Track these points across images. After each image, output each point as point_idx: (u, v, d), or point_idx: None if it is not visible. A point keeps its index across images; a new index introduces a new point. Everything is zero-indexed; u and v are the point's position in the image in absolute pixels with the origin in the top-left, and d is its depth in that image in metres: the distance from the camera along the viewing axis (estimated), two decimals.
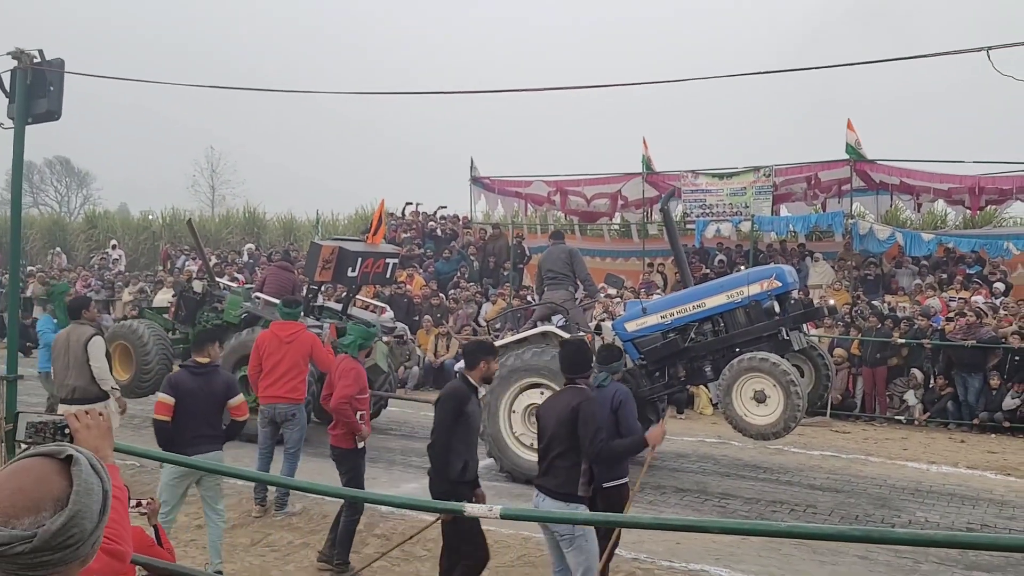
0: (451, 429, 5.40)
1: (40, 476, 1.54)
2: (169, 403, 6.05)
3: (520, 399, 9.16)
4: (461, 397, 5.45)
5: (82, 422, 2.37)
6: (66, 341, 7.83)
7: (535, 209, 24.16)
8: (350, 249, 11.20)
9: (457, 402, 5.43)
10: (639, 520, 4.37)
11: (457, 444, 5.41)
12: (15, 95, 4.71)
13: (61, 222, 35.53)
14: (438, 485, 5.45)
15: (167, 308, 13.65)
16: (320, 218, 27.38)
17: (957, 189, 18.12)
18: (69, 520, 1.51)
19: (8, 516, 1.48)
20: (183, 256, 24.10)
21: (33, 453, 1.59)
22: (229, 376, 6.55)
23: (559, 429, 5.05)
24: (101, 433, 2.40)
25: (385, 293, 16.75)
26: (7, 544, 1.46)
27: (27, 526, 1.48)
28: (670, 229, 10.46)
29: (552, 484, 5.11)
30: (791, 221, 18.90)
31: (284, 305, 8.60)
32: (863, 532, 3.25)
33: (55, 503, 1.52)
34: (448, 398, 5.46)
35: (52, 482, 1.54)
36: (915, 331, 13.53)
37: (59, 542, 1.49)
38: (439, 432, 5.42)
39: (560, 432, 5.04)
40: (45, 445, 1.64)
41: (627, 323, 9.46)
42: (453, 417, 5.40)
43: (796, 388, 7.91)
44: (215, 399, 6.20)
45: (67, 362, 7.77)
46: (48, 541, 1.48)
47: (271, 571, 6.63)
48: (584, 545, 4.96)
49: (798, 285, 10.37)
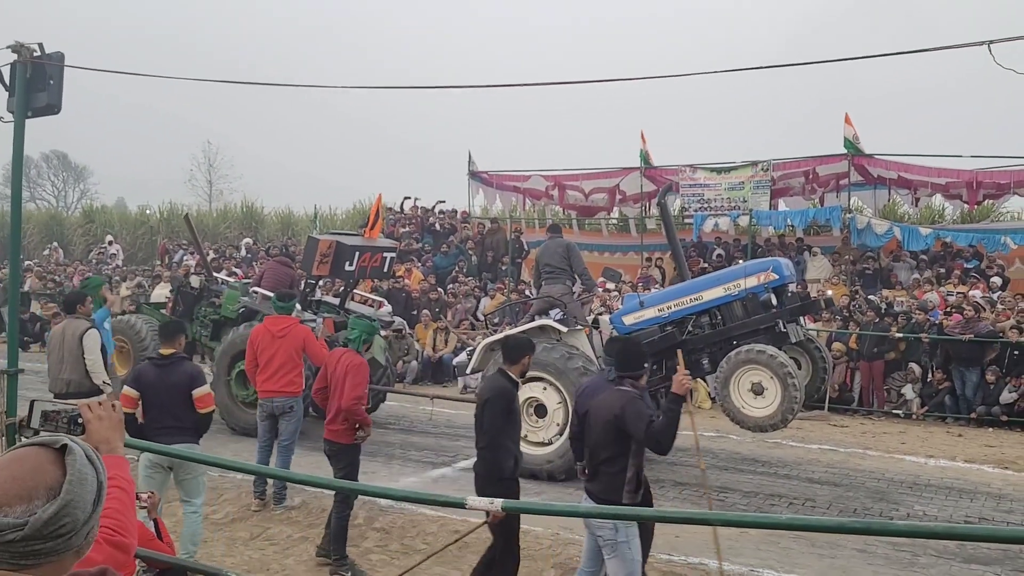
0: (502, 428, 5.37)
1: (34, 465, 1.55)
2: (133, 396, 6.06)
3: (520, 391, 9.14)
4: (508, 395, 5.43)
5: (94, 413, 2.39)
6: (61, 335, 7.82)
7: (533, 203, 24.15)
8: (347, 243, 11.20)
9: (506, 401, 5.41)
10: (639, 513, 4.37)
11: (507, 442, 5.39)
12: (15, 89, 4.72)
13: (58, 217, 35.50)
14: (490, 485, 5.39)
15: (164, 303, 13.66)
16: (318, 213, 27.35)
17: (955, 183, 18.13)
18: (61, 509, 1.52)
19: (0, 504, 1.49)
20: (181, 251, 24.07)
21: (30, 443, 1.61)
22: (193, 367, 6.52)
23: (604, 435, 4.84)
24: (112, 424, 2.42)
25: (383, 287, 16.75)
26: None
27: (19, 514, 1.49)
28: (667, 223, 10.46)
29: (597, 489, 4.96)
30: (789, 215, 18.89)
31: (278, 299, 8.62)
32: (863, 524, 3.27)
33: (48, 492, 1.53)
34: (497, 398, 5.42)
35: (46, 471, 1.55)
36: (912, 325, 13.56)
37: (50, 531, 1.51)
38: (491, 432, 5.37)
39: (605, 438, 4.83)
40: (41, 435, 1.64)
41: (625, 316, 9.47)
42: (504, 416, 5.37)
43: (793, 380, 7.93)
44: (178, 390, 6.09)
45: (61, 356, 7.76)
46: (40, 530, 1.49)
47: (270, 564, 6.64)
48: (627, 553, 4.77)
49: (795, 278, 10.38)
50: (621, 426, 4.73)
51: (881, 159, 18.41)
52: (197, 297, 12.31)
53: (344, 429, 6.61)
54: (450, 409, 12.43)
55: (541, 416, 9.12)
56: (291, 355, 8.12)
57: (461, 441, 11.00)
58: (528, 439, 9.15)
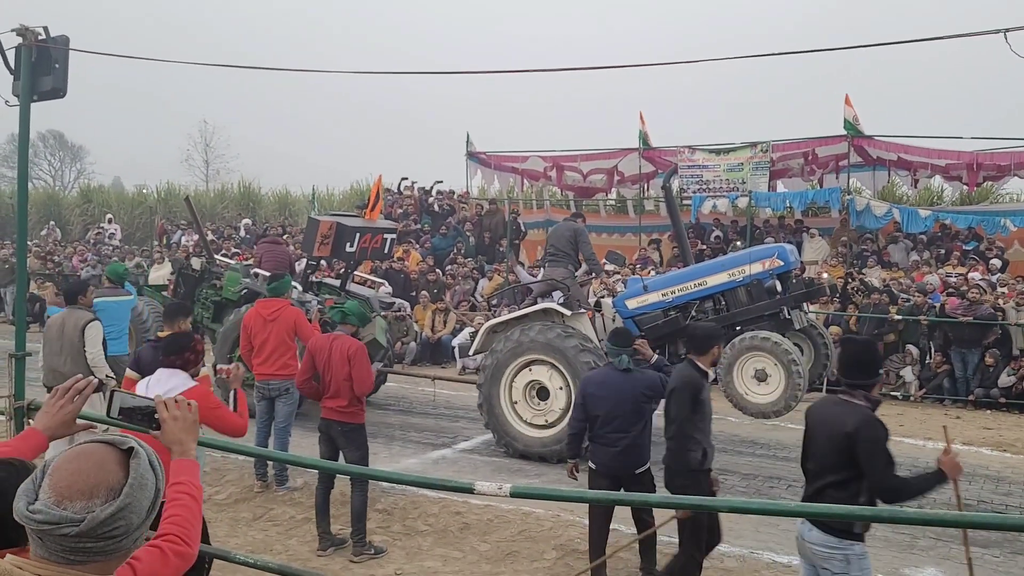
0: (690, 419, 5.28)
1: (100, 462, 1.57)
2: (134, 378, 6.09)
3: (522, 375, 9.20)
4: (696, 385, 5.34)
5: (170, 412, 2.32)
6: (61, 325, 7.63)
7: (531, 184, 24.11)
8: (348, 224, 11.19)
9: (694, 390, 5.31)
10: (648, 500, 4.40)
11: (695, 433, 5.31)
12: (19, 72, 4.69)
13: (56, 197, 35.37)
14: (679, 476, 5.35)
15: (165, 285, 13.65)
16: (316, 193, 27.31)
17: (955, 165, 18.11)
18: (118, 511, 1.54)
19: (62, 496, 1.51)
20: (179, 231, 24.02)
21: (98, 439, 1.62)
22: None
23: (832, 456, 4.10)
24: (187, 426, 2.33)
25: (381, 268, 16.75)
26: (55, 524, 1.49)
27: (78, 510, 1.51)
28: (671, 207, 10.46)
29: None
30: (788, 197, 18.87)
31: (269, 282, 8.69)
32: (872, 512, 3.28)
33: (108, 492, 1.55)
34: (684, 387, 5.31)
35: (110, 471, 1.57)
36: (911, 307, 13.59)
37: (104, 531, 1.52)
38: (679, 423, 5.29)
39: (834, 459, 4.09)
40: (110, 434, 1.65)
41: (628, 300, 9.50)
42: (691, 406, 5.29)
43: (797, 367, 7.97)
44: None
45: (60, 347, 7.58)
46: (94, 528, 1.51)
47: (274, 545, 6.68)
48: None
49: (799, 264, 10.41)
50: (852, 448, 4.02)
51: (881, 140, 18.38)
52: (198, 279, 12.31)
53: (357, 409, 6.63)
54: (450, 390, 12.46)
55: (544, 399, 9.15)
56: (283, 338, 8.12)
57: (461, 422, 11.05)
58: (530, 422, 9.20)
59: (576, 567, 6.27)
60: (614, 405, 5.71)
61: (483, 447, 9.77)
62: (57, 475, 1.54)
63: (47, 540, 1.51)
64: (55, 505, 1.51)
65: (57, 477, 1.54)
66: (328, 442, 6.74)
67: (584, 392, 5.89)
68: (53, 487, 1.53)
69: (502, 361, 9.20)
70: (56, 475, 1.54)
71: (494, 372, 9.26)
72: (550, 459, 8.97)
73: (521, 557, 6.48)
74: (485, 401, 9.33)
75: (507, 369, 9.20)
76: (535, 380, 9.13)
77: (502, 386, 9.26)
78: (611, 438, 5.69)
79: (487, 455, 9.47)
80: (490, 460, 9.27)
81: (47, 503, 1.51)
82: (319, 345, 6.81)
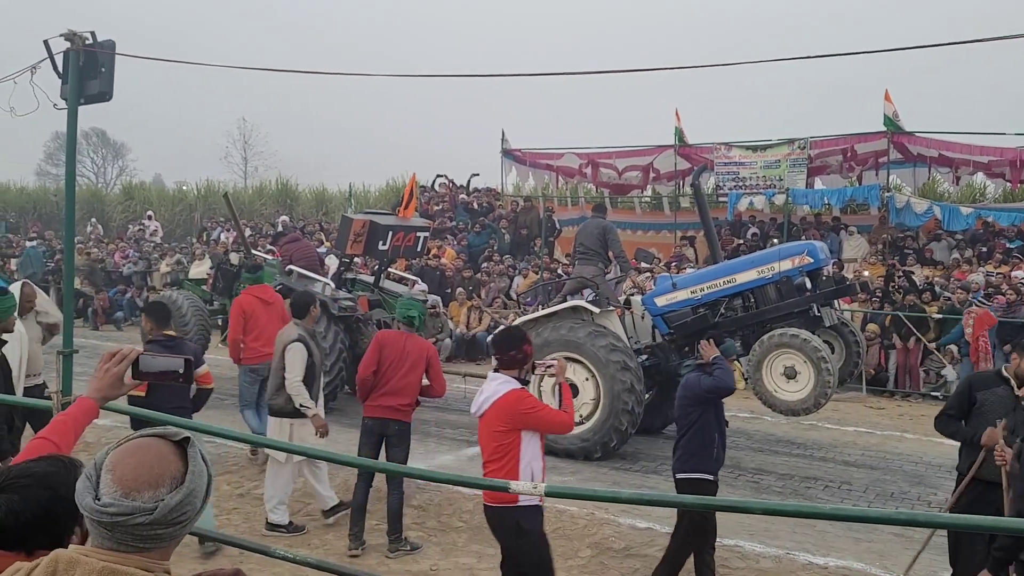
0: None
1: (160, 454, 1.65)
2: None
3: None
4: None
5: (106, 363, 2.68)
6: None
7: (566, 181, 24.11)
8: (381, 223, 11.30)
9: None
10: (680, 500, 4.41)
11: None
12: (67, 76, 4.83)
13: (98, 193, 35.97)
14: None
15: (204, 279, 13.88)
16: (352, 190, 27.53)
17: (997, 162, 17.79)
18: (186, 497, 1.62)
19: (130, 488, 1.59)
20: (218, 228, 24.37)
21: (151, 433, 1.70)
22: (194, 348, 6.75)
23: None
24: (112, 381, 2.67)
25: (416, 265, 16.87)
26: (129, 515, 1.57)
27: (147, 499, 1.59)
28: (701, 205, 10.42)
29: None
30: (826, 194, 18.67)
31: (251, 271, 9.23)
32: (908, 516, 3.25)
33: (172, 481, 1.63)
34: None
35: (170, 461, 1.65)
36: (951, 306, 13.39)
37: (174, 517, 1.61)
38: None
39: None
40: (158, 428, 1.74)
41: (657, 298, 9.49)
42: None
43: (827, 365, 7.91)
44: None
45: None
46: (167, 515, 1.60)
47: (311, 540, 6.76)
48: None
49: (830, 261, 10.31)
50: None
51: (922, 137, 18.11)
52: (236, 274, 12.50)
53: (412, 408, 6.65)
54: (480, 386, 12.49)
55: (573, 396, 9.16)
56: (279, 324, 8.10)
57: None
58: None
59: (610, 565, 6.29)
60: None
61: None
62: (120, 469, 1.61)
63: (117, 532, 1.58)
64: (124, 497, 1.58)
65: (120, 471, 1.61)
66: (375, 442, 6.61)
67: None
68: (118, 481, 1.59)
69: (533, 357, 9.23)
70: (119, 470, 1.61)
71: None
72: (592, 454, 9.00)
73: (556, 555, 6.43)
74: None
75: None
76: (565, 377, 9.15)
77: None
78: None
79: None
80: None
81: (115, 496, 1.58)
82: (390, 341, 6.58)
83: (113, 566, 1.57)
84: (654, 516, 6.95)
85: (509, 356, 4.85)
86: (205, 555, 6.23)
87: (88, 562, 1.57)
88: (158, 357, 2.60)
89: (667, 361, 9.51)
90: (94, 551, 1.60)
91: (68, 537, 1.99)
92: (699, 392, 5.68)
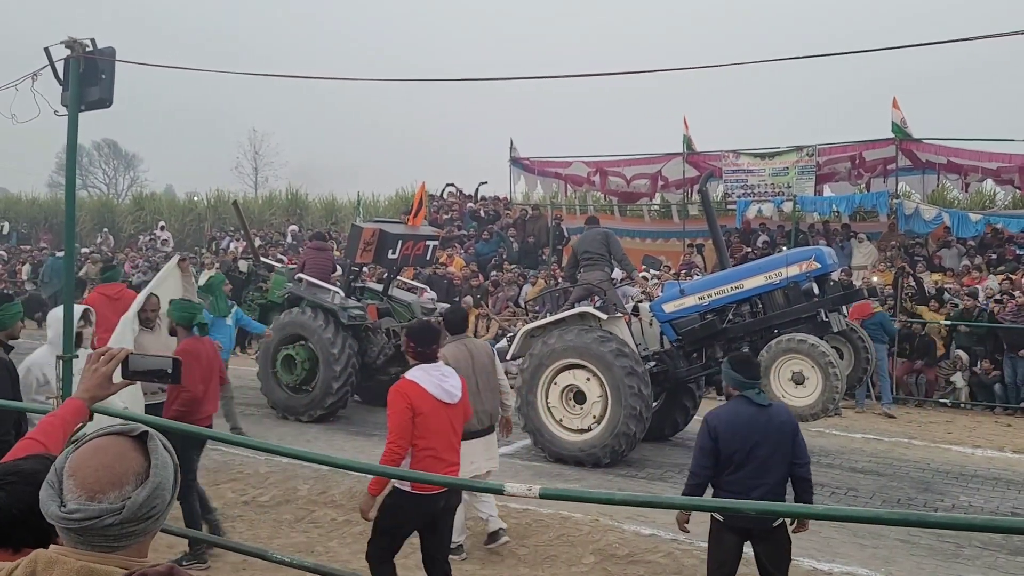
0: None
1: (119, 452, 1.64)
2: None
3: (560, 378, 9.23)
4: None
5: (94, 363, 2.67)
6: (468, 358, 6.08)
7: (574, 190, 24.10)
8: (391, 231, 11.33)
9: None
10: (671, 501, 4.39)
11: None
12: (68, 83, 4.88)
13: (109, 204, 36.24)
14: None
15: None
16: (361, 199, 27.62)
17: (1007, 168, 17.67)
18: (152, 492, 1.62)
19: (94, 491, 1.58)
20: (228, 237, 24.48)
21: (107, 432, 1.69)
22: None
23: None
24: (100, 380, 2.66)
25: (424, 273, 16.89)
26: (97, 517, 1.56)
27: (113, 499, 1.58)
28: (708, 212, 10.43)
29: None
30: (834, 201, 18.60)
31: (102, 271, 9.70)
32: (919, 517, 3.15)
33: (136, 477, 1.62)
34: None
35: (131, 458, 1.64)
36: (960, 312, 13.31)
37: (143, 513, 1.60)
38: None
39: None
40: (115, 425, 1.73)
41: (665, 304, 9.48)
42: None
43: (835, 370, 7.88)
44: None
45: (476, 383, 6.05)
46: (135, 512, 1.59)
47: (315, 547, 6.77)
48: None
49: (838, 267, 10.27)
50: None
51: (930, 143, 18.03)
52: (245, 281, 12.56)
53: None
54: None
55: (580, 403, 9.17)
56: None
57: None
58: (565, 424, 9.23)
59: (614, 572, 6.27)
60: (753, 447, 4.77)
61: (523, 452, 9.80)
62: (81, 473, 1.59)
63: (88, 536, 1.58)
64: (89, 501, 1.57)
65: (82, 475, 1.59)
66: None
67: (716, 433, 4.78)
68: (81, 485, 1.58)
69: (539, 365, 9.25)
70: (80, 473, 1.59)
71: (531, 376, 9.30)
72: (601, 461, 8.99)
73: (559, 561, 6.49)
74: (522, 405, 9.38)
75: (544, 373, 9.24)
76: (572, 384, 9.15)
77: (539, 390, 9.30)
78: (746, 484, 4.78)
79: (527, 459, 9.50)
80: (530, 464, 9.30)
81: (80, 501, 1.56)
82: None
83: (91, 565, 1.56)
84: (658, 522, 6.92)
85: (431, 351, 4.90)
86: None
87: (66, 561, 1.57)
88: (147, 356, 2.62)
89: (675, 367, 9.50)
90: (71, 551, 1.60)
91: (55, 536, 2.00)
92: None
